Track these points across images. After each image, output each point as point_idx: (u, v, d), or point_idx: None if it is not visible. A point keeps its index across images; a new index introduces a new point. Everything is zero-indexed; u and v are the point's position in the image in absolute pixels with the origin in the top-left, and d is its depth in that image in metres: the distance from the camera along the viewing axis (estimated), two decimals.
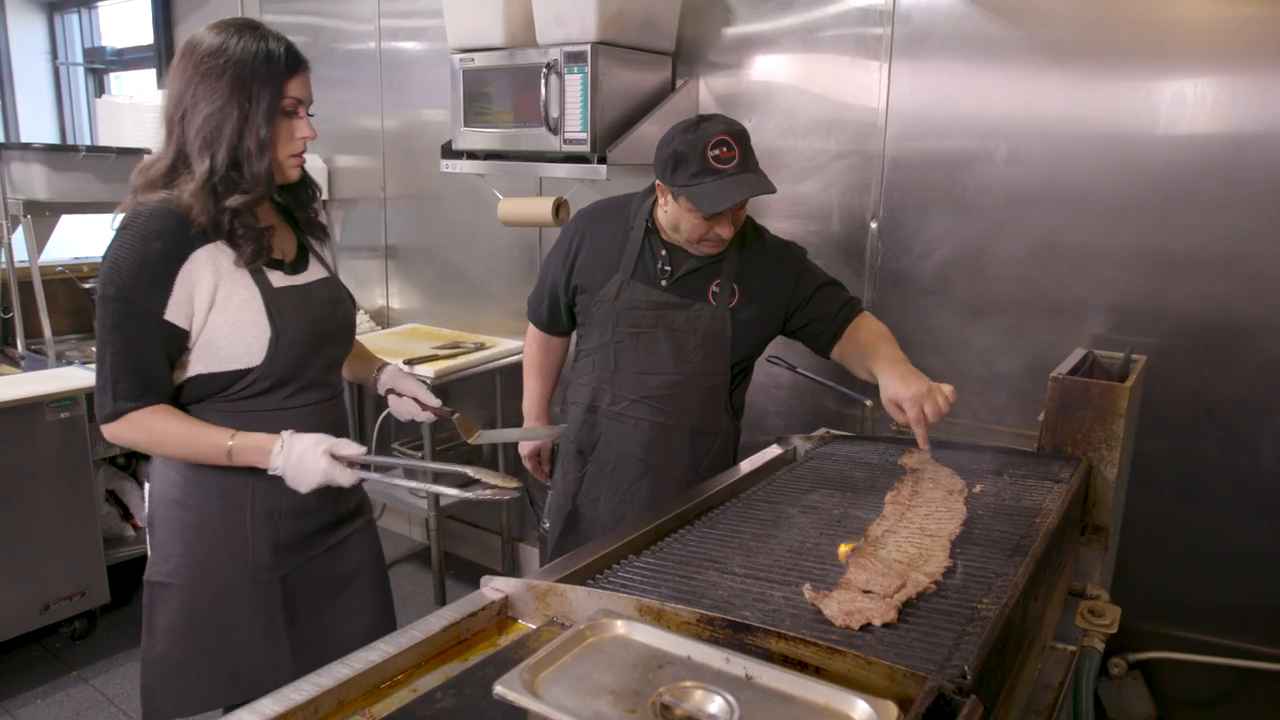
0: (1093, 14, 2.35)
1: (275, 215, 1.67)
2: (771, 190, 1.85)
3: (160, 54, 5.17)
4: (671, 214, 1.92)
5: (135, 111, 3.65)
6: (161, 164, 1.52)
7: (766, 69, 2.90)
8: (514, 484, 1.48)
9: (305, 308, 1.62)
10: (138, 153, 3.52)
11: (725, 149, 1.81)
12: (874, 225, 2.74)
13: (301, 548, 1.68)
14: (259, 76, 1.49)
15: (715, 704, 0.85)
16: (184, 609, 1.63)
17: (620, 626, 0.97)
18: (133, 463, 3.82)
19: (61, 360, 3.33)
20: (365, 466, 1.56)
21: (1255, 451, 2.30)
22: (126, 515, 3.64)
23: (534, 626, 1.22)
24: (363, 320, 4.21)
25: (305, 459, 1.48)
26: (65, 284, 3.73)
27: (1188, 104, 2.25)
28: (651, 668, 0.90)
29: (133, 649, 3.18)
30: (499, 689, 0.85)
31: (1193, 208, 2.28)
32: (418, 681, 1.12)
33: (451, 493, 1.50)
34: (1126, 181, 2.34)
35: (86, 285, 3.73)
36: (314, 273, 1.70)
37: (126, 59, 5.85)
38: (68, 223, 3.46)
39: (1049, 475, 1.78)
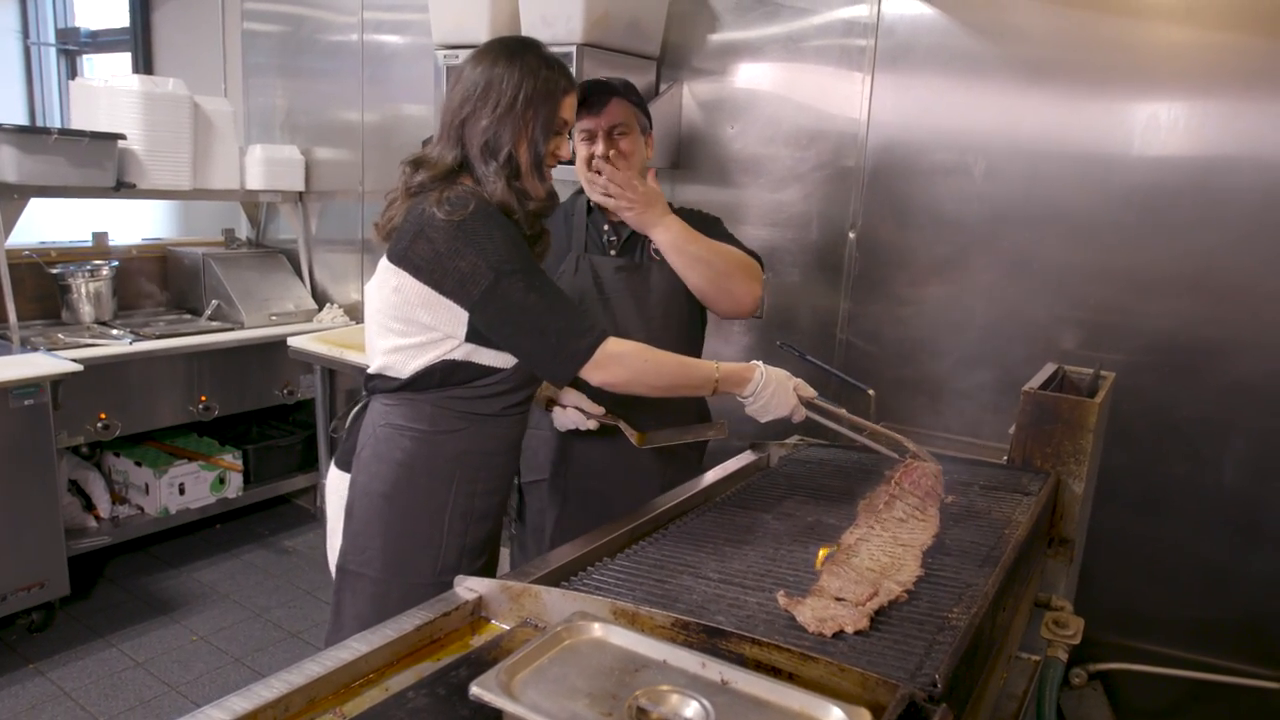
0: (1071, 35, 2.39)
1: (545, 249, 1.74)
2: (625, 95, 2.01)
3: (136, 37, 5.08)
4: (578, 156, 2.02)
5: (110, 95, 3.57)
6: (445, 163, 1.60)
7: (750, 76, 2.91)
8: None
9: None
10: (112, 137, 3.46)
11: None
12: (852, 235, 2.76)
13: (479, 552, 1.72)
14: (537, 95, 1.57)
15: (691, 708, 0.85)
16: (374, 602, 1.65)
17: (597, 629, 0.97)
18: (96, 452, 3.76)
19: (26, 346, 3.26)
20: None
21: (1218, 469, 2.35)
22: (89, 506, 3.59)
23: (507, 627, 1.22)
24: (338, 314, 4.18)
25: (779, 392, 1.64)
26: (32, 268, 3.65)
27: (1161, 126, 2.29)
28: (628, 671, 0.91)
29: (93, 642, 3.13)
30: (475, 689, 0.85)
31: (1164, 228, 2.32)
32: (390, 680, 1.11)
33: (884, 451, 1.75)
34: (1101, 200, 2.39)
35: (54, 270, 3.66)
36: None
37: (101, 41, 5.75)
38: (36, 206, 3.39)
39: (1018, 488, 1.81)
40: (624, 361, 1.54)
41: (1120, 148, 2.35)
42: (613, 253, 2.07)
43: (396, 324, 1.60)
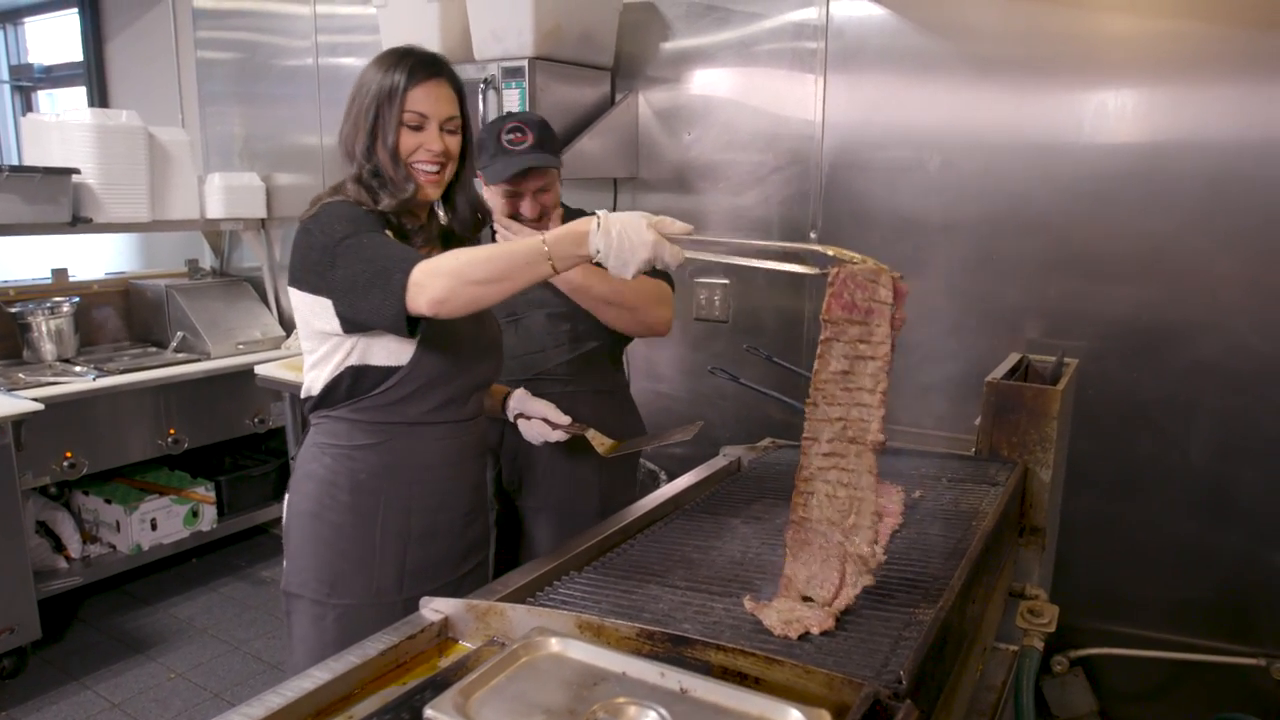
0: (1019, 28, 2.41)
1: (434, 240, 1.70)
2: (555, 164, 1.99)
3: (90, 71, 5.03)
4: (489, 199, 2.00)
5: (62, 130, 3.53)
6: (341, 177, 1.64)
7: (705, 83, 2.92)
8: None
9: (456, 323, 1.59)
10: (65, 173, 3.42)
11: (519, 134, 1.97)
12: (814, 236, 2.77)
13: (428, 575, 1.67)
14: (383, 91, 1.57)
15: (649, 719, 0.84)
16: (315, 623, 1.64)
17: (555, 644, 0.96)
18: (64, 491, 3.70)
19: None
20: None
21: (1184, 449, 2.37)
22: (59, 546, 3.52)
23: (474, 647, 1.20)
24: None
25: (628, 232, 1.34)
26: None
27: (1109, 114, 2.32)
28: (586, 685, 0.90)
29: (67, 685, 3.07)
30: (430, 712, 0.83)
31: (1117, 214, 2.35)
32: (355, 708, 1.09)
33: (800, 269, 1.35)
34: (1054, 189, 2.41)
35: (12, 310, 3.61)
36: None
37: (55, 76, 5.69)
38: None
39: (986, 478, 1.81)
40: (438, 269, 1.40)
41: (1071, 137, 2.37)
42: None
43: (306, 343, 1.62)
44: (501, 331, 1.82)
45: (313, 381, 1.63)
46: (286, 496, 1.73)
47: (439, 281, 1.39)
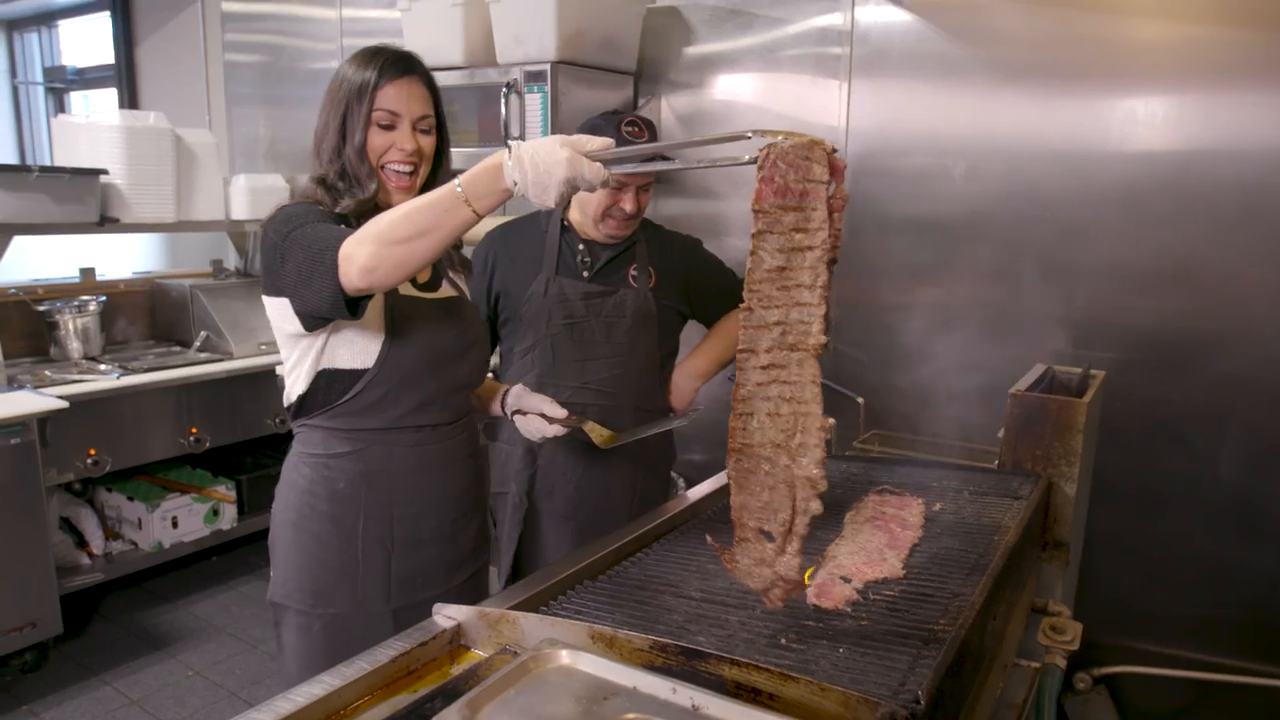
0: (1047, 34, 2.38)
1: None
2: (672, 164, 2.02)
3: (121, 73, 5.10)
4: (581, 193, 1.98)
5: (91, 131, 3.57)
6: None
7: (728, 88, 2.91)
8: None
9: (427, 321, 1.62)
10: (93, 173, 3.46)
11: (636, 129, 1.99)
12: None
13: (417, 583, 1.66)
14: (353, 89, 1.56)
15: None
16: (301, 633, 1.64)
17: (565, 656, 0.95)
18: (88, 488, 3.73)
19: (13, 384, 3.25)
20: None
21: (1213, 463, 2.32)
22: (81, 543, 3.56)
23: (486, 655, 1.19)
24: None
25: (540, 155, 1.27)
26: (19, 306, 3.64)
27: (1139, 122, 2.28)
28: (596, 700, 0.88)
29: (87, 681, 3.09)
30: None
31: (1145, 223, 2.31)
32: (364, 715, 1.09)
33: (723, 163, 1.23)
34: (1082, 198, 2.37)
35: (40, 308, 3.65)
36: (444, 292, 1.70)
37: (87, 78, 5.77)
38: (20, 244, 3.38)
39: (1009, 492, 1.78)
40: (364, 237, 1.35)
41: (1099, 144, 2.33)
42: (585, 274, 2.07)
43: (283, 351, 1.60)
44: (486, 332, 1.79)
45: (290, 389, 1.61)
46: (272, 506, 1.71)
47: (364, 249, 1.34)
